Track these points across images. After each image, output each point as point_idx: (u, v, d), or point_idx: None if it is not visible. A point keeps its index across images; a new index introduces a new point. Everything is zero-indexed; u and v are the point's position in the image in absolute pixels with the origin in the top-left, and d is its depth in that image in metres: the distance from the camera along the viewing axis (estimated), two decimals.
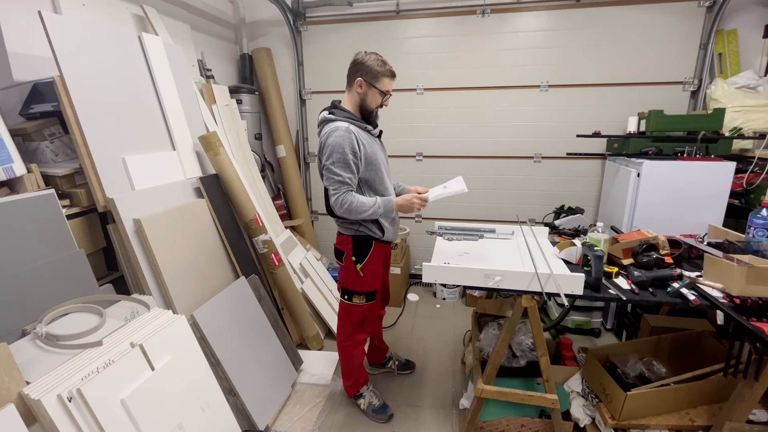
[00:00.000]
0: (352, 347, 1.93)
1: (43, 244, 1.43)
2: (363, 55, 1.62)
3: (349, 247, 1.75)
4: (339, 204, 1.57)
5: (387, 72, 1.62)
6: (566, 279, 1.41)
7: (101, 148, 1.67)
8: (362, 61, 1.61)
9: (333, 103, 1.70)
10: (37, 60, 1.72)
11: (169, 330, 1.42)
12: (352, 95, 1.67)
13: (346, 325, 1.91)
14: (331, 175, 1.57)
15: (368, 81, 1.61)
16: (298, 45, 3.28)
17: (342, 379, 2.05)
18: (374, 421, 1.95)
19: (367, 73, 1.60)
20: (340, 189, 1.57)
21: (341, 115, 1.62)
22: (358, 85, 1.62)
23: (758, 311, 1.28)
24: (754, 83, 2.51)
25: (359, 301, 1.82)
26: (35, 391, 1.04)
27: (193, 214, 1.98)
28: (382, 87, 1.62)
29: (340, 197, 1.57)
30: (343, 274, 1.83)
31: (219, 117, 2.55)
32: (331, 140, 1.55)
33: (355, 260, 1.75)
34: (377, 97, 1.64)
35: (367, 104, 1.66)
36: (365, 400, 2.00)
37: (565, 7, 2.82)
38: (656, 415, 1.60)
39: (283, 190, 3.47)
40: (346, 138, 1.55)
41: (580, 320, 2.66)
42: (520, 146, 3.13)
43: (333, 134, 1.55)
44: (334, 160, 1.55)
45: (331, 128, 1.57)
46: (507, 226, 2.03)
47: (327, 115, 1.64)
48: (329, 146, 1.55)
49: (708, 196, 2.25)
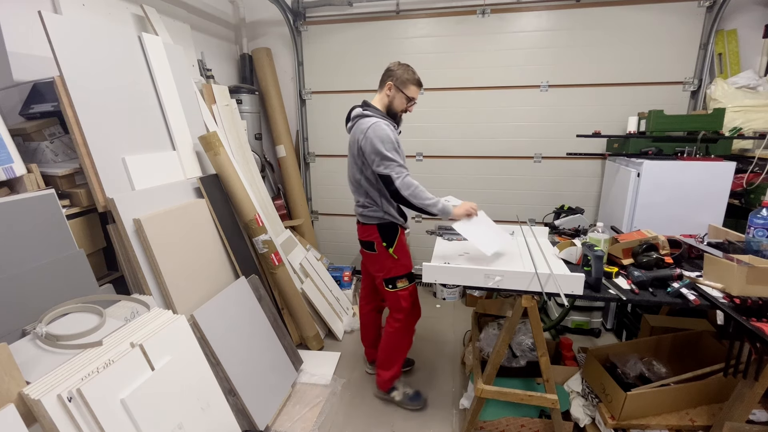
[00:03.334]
0: (403, 336, 1.99)
1: (43, 244, 1.43)
2: (397, 65, 1.81)
3: (376, 235, 1.86)
4: (405, 186, 1.69)
5: (414, 80, 1.80)
6: (566, 279, 1.41)
7: (101, 148, 1.67)
8: (393, 68, 1.80)
9: (365, 102, 1.84)
10: (37, 60, 1.72)
11: (169, 330, 1.42)
12: (382, 97, 1.83)
13: (399, 315, 1.94)
14: (388, 161, 1.69)
15: (397, 86, 1.78)
16: (298, 45, 3.28)
17: (379, 372, 2.06)
18: (410, 410, 2.02)
19: (397, 78, 1.78)
20: (402, 172, 1.70)
21: (376, 112, 1.78)
22: (388, 88, 1.80)
23: (758, 311, 1.28)
24: (754, 83, 2.51)
25: (403, 285, 1.90)
26: (35, 391, 1.04)
27: (193, 214, 1.98)
28: (408, 93, 1.80)
29: (405, 179, 1.70)
30: (379, 265, 1.92)
31: (219, 117, 2.55)
32: (379, 132, 1.69)
33: (386, 245, 1.85)
34: (403, 101, 1.82)
35: (394, 107, 1.83)
36: (399, 391, 2.05)
37: (565, 7, 2.82)
38: (656, 415, 1.60)
39: (283, 190, 3.47)
40: (389, 129, 1.72)
41: (580, 320, 2.66)
42: (520, 146, 3.13)
43: (376, 126, 1.69)
44: (387, 147, 1.68)
45: (371, 122, 1.72)
46: (507, 226, 2.03)
47: (363, 112, 1.79)
48: (378, 137, 1.68)
49: (708, 196, 2.25)
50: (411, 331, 2.02)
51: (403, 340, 2.00)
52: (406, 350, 2.04)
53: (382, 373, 2.05)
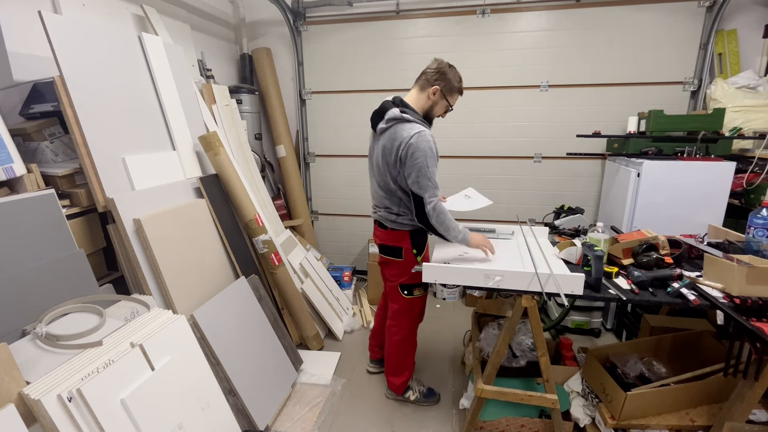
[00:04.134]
0: (410, 341, 1.99)
1: (43, 244, 1.43)
2: (447, 67, 1.66)
3: (407, 241, 1.79)
4: (437, 212, 1.59)
5: (461, 88, 1.69)
6: (566, 279, 1.41)
7: (101, 148, 1.67)
8: (445, 72, 1.64)
9: (400, 100, 1.69)
10: (37, 60, 1.72)
11: (169, 330, 1.42)
12: (423, 98, 1.68)
13: (405, 321, 1.94)
14: (427, 181, 1.57)
15: (443, 92, 1.66)
16: (298, 45, 3.28)
17: (390, 379, 2.06)
18: (426, 406, 2.03)
19: (446, 84, 1.65)
20: (435, 195, 1.59)
21: (417, 117, 1.63)
22: (432, 92, 1.65)
23: (758, 311, 1.28)
24: (754, 83, 2.51)
25: (419, 293, 1.89)
26: (35, 391, 1.04)
27: (193, 214, 1.98)
28: (452, 101, 1.70)
29: (438, 205, 1.59)
30: (400, 270, 1.84)
31: (219, 117, 2.55)
32: (423, 144, 1.54)
33: (416, 252, 1.80)
34: (444, 108, 1.72)
35: (433, 112, 1.71)
36: (414, 391, 2.06)
37: (565, 7, 2.82)
38: (656, 415, 1.60)
39: (283, 190, 3.47)
40: (433, 141, 1.57)
41: (580, 320, 2.66)
42: (520, 146, 3.13)
43: (421, 137, 1.54)
44: (430, 164, 1.55)
45: (415, 129, 1.56)
46: (507, 226, 2.03)
47: (403, 115, 1.61)
48: (422, 150, 1.53)
49: (708, 196, 2.24)
50: (415, 335, 2.03)
51: (409, 345, 2.01)
52: (413, 354, 2.05)
53: (393, 380, 2.05)
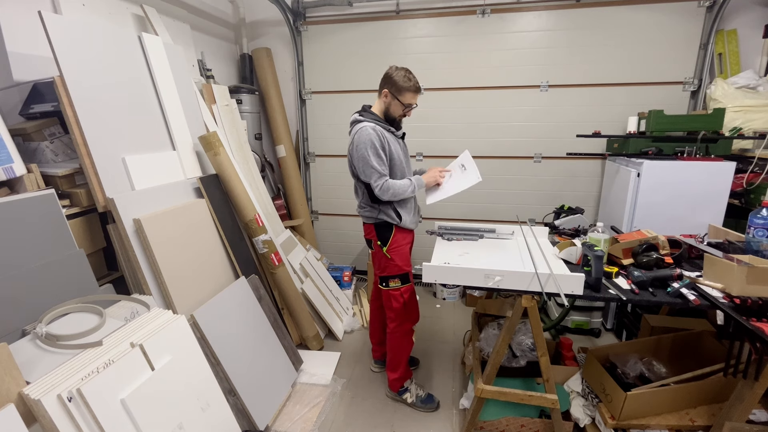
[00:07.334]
0: (400, 337, 2.00)
1: (43, 244, 1.43)
2: (393, 70, 1.80)
3: (373, 233, 1.93)
4: (383, 191, 1.77)
5: (411, 87, 1.79)
6: (566, 279, 1.41)
7: (101, 148, 1.67)
8: (390, 75, 1.79)
9: (364, 107, 1.89)
10: (37, 60, 1.72)
11: (169, 330, 1.42)
12: (380, 102, 1.86)
13: (391, 314, 1.99)
14: (370, 169, 1.75)
15: (393, 93, 1.80)
16: (297, 45, 3.28)
17: (387, 373, 2.11)
18: (423, 412, 2.02)
19: (392, 86, 1.79)
20: (380, 179, 1.77)
21: (369, 117, 1.82)
22: (384, 95, 1.82)
23: (758, 311, 1.28)
24: (754, 83, 2.51)
25: (395, 285, 1.93)
26: (35, 391, 1.04)
27: (193, 214, 1.98)
28: (404, 100, 1.81)
29: (383, 185, 1.76)
30: (377, 262, 1.99)
31: (219, 117, 2.55)
32: (363, 137, 1.74)
33: (381, 244, 1.91)
34: (399, 108, 1.83)
35: (390, 112, 1.85)
36: (412, 393, 2.07)
37: (565, 7, 2.82)
38: (656, 415, 1.60)
39: (283, 190, 3.47)
40: (373, 135, 1.74)
41: (580, 320, 2.66)
42: (520, 146, 3.13)
43: (361, 132, 1.75)
44: (370, 154, 1.74)
45: (358, 127, 1.79)
46: (507, 226, 2.03)
47: (357, 117, 1.84)
48: (362, 143, 1.74)
49: (708, 196, 2.24)
50: (408, 333, 2.02)
51: (401, 341, 2.01)
52: (407, 352, 2.05)
53: (389, 374, 2.09)
